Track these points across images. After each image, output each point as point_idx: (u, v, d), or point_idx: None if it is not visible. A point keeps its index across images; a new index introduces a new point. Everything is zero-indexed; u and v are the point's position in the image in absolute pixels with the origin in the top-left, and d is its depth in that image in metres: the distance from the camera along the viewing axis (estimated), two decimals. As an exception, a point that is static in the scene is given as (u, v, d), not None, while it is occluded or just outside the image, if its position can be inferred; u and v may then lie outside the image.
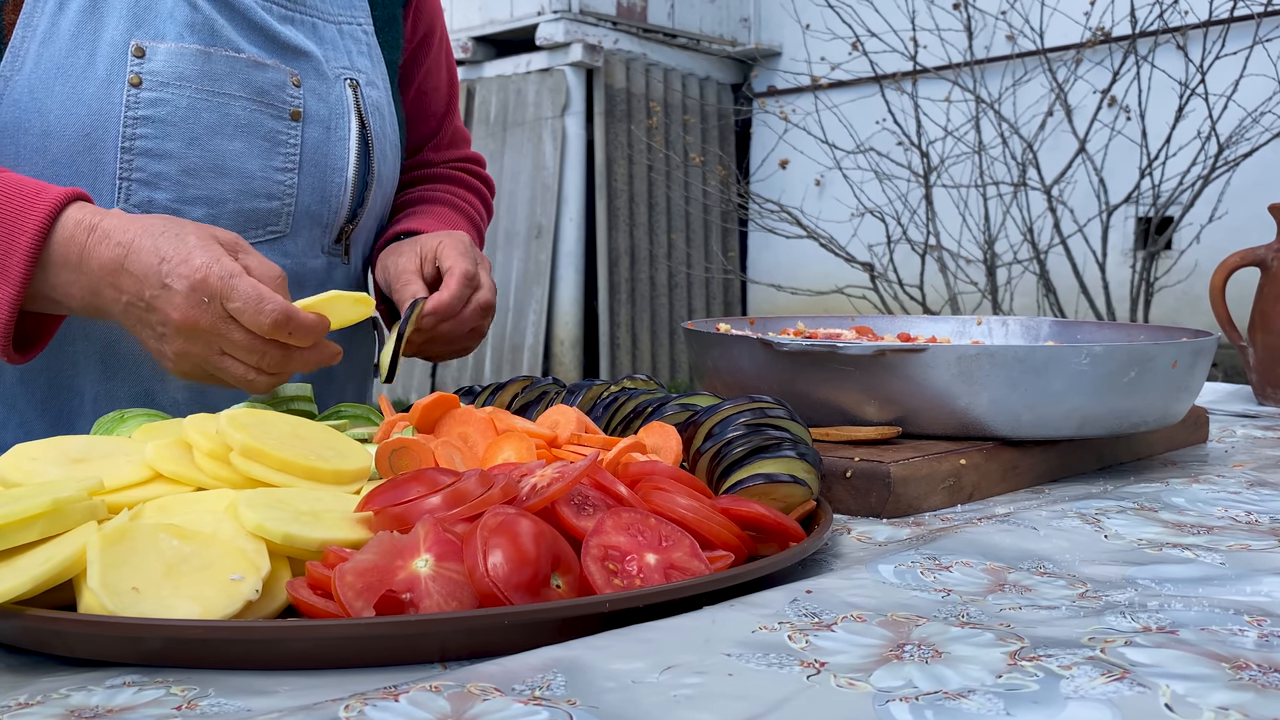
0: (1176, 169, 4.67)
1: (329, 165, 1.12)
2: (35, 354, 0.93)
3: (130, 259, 0.85)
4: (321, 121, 1.11)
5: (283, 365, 0.87)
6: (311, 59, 1.11)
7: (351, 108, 1.13)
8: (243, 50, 1.05)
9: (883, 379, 0.95)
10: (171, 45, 1.02)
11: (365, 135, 1.15)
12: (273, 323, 0.84)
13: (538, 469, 0.70)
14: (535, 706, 0.48)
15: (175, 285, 0.84)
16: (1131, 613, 0.61)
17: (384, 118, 1.18)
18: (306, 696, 0.51)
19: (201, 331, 0.85)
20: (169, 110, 1.02)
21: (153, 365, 1.09)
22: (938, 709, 0.48)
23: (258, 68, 1.06)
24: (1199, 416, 1.22)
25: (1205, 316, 4.92)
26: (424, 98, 1.32)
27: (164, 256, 0.85)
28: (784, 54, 6.75)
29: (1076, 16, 5.00)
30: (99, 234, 0.86)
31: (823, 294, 5.47)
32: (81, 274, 0.87)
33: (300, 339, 0.86)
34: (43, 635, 0.57)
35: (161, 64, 1.01)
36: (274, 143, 1.08)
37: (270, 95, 1.07)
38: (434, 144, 1.36)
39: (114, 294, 0.87)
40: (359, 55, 1.17)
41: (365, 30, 1.19)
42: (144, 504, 0.67)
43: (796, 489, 0.76)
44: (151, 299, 0.85)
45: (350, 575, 0.58)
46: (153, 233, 0.86)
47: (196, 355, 0.87)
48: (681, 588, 0.60)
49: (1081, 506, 0.86)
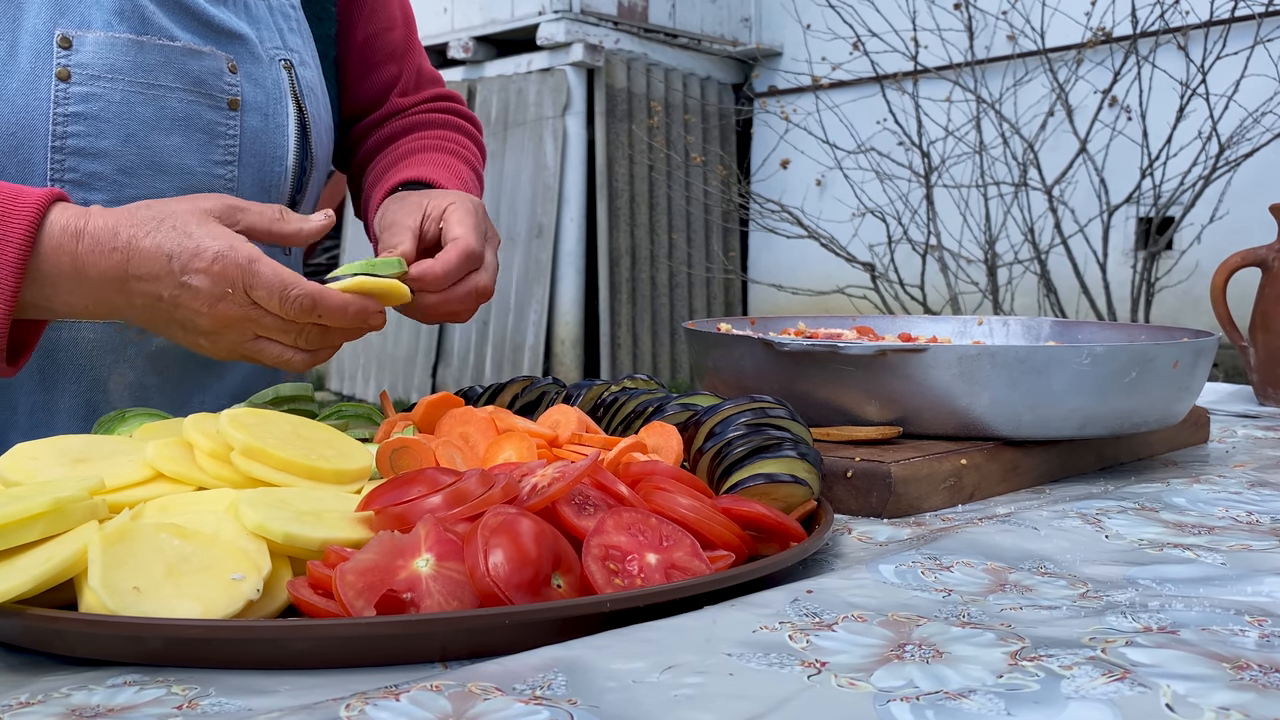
0: (1177, 169, 4.67)
1: (269, 155, 1.07)
2: (24, 362, 0.88)
3: (133, 263, 0.81)
4: (259, 109, 1.06)
5: (322, 341, 0.85)
6: (246, 42, 1.05)
7: (288, 91, 1.08)
8: (176, 38, 0.99)
9: (884, 379, 0.95)
10: (100, 34, 0.95)
11: (303, 119, 1.09)
12: (299, 309, 0.81)
13: (538, 469, 0.70)
14: (536, 706, 0.48)
15: (194, 282, 0.80)
16: (1132, 613, 0.61)
17: (318, 99, 1.13)
18: (307, 696, 0.51)
19: (233, 321, 0.82)
20: (101, 105, 0.95)
21: (93, 375, 1.04)
22: (938, 709, 0.48)
23: (193, 55, 1.00)
24: (1200, 417, 1.22)
25: (1206, 317, 4.92)
26: (376, 40, 1.24)
27: (170, 253, 0.80)
28: (785, 54, 6.75)
29: (1077, 17, 5.00)
30: (88, 240, 0.81)
31: (824, 294, 5.46)
32: (83, 283, 0.82)
33: (332, 319, 0.83)
34: (44, 634, 0.57)
35: (91, 55, 0.95)
36: (213, 135, 1.02)
37: (207, 84, 1.01)
38: (400, 88, 1.27)
39: (125, 300, 0.82)
40: (290, 33, 1.11)
41: (294, 5, 1.13)
42: (145, 503, 0.67)
43: (797, 489, 0.76)
44: (173, 299, 0.81)
45: (351, 575, 0.58)
46: (148, 229, 0.81)
47: (231, 342, 0.84)
48: (682, 587, 0.60)
49: (1082, 506, 0.86)
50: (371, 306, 0.85)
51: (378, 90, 1.26)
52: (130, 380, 1.06)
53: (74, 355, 1.03)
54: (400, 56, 1.27)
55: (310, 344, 0.85)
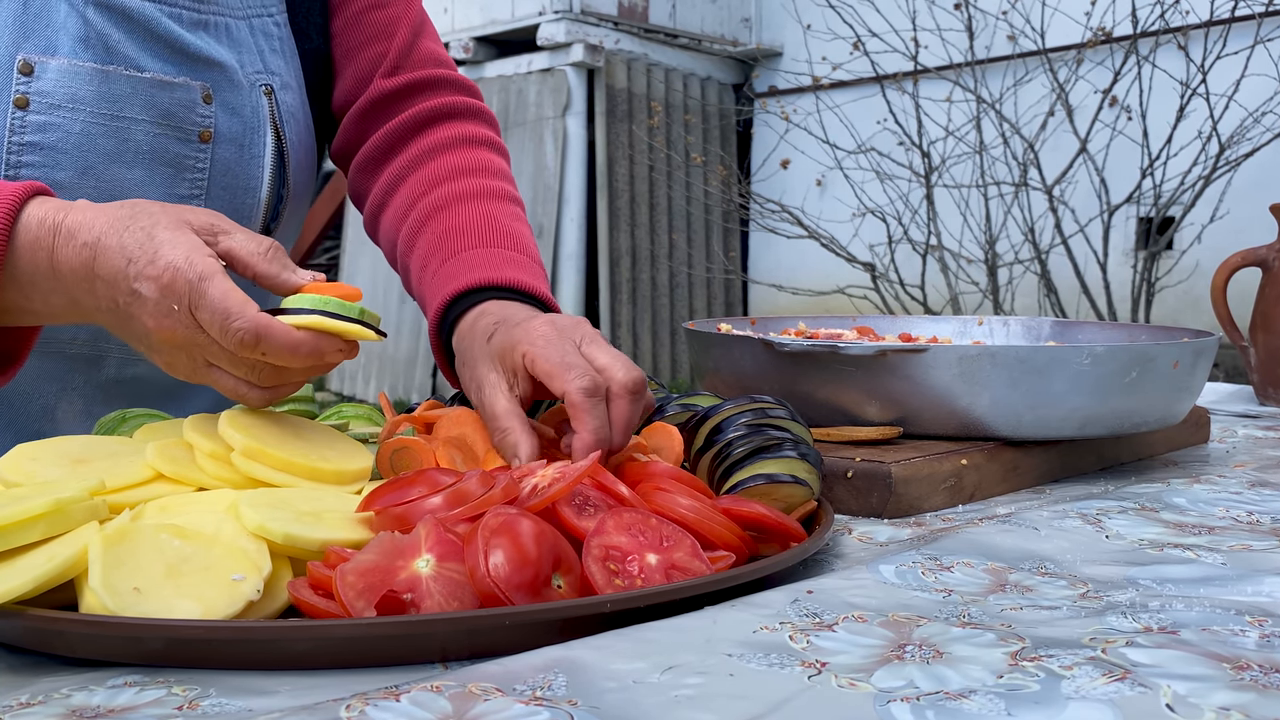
0: (1178, 169, 4.67)
1: (240, 186, 1.01)
2: (15, 371, 0.82)
3: (98, 262, 0.74)
4: (234, 140, 1.00)
5: (277, 379, 0.75)
6: (225, 69, 0.98)
7: (266, 119, 1.02)
8: (144, 68, 0.93)
9: (884, 379, 0.95)
10: (64, 62, 0.90)
11: (281, 149, 1.03)
12: (240, 343, 0.71)
13: (539, 469, 0.70)
14: (536, 707, 0.48)
15: (143, 290, 0.72)
16: (1133, 613, 0.61)
17: (299, 122, 1.06)
18: (308, 696, 0.51)
19: (180, 342, 0.73)
20: (59, 136, 0.90)
21: (40, 405, 0.99)
22: (939, 709, 0.48)
23: (163, 87, 0.94)
24: (1200, 417, 1.22)
25: (1206, 317, 4.91)
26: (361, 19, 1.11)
27: (130, 256, 0.73)
28: (785, 54, 6.75)
29: (1077, 16, 5.00)
30: (64, 234, 0.75)
31: (824, 294, 5.46)
32: (57, 282, 0.76)
33: (279, 358, 0.72)
34: (44, 635, 0.57)
35: (52, 83, 0.90)
36: (179, 169, 0.97)
37: (177, 117, 0.96)
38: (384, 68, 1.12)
39: (92, 300, 0.76)
40: (271, 54, 1.04)
41: (278, 23, 1.05)
42: (145, 504, 0.67)
43: (798, 489, 0.76)
44: (125, 306, 0.74)
45: (351, 575, 0.58)
46: (118, 228, 0.74)
47: (184, 366, 0.76)
48: (683, 588, 0.60)
49: (1083, 507, 0.86)
50: (327, 347, 0.74)
51: (362, 73, 1.13)
52: (79, 409, 1.01)
53: (18, 383, 0.98)
54: (390, 34, 1.13)
55: (264, 381, 0.75)
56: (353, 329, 0.75)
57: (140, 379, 1.05)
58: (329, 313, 0.74)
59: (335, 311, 0.74)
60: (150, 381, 1.05)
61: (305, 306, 0.74)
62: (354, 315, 0.75)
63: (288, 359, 0.73)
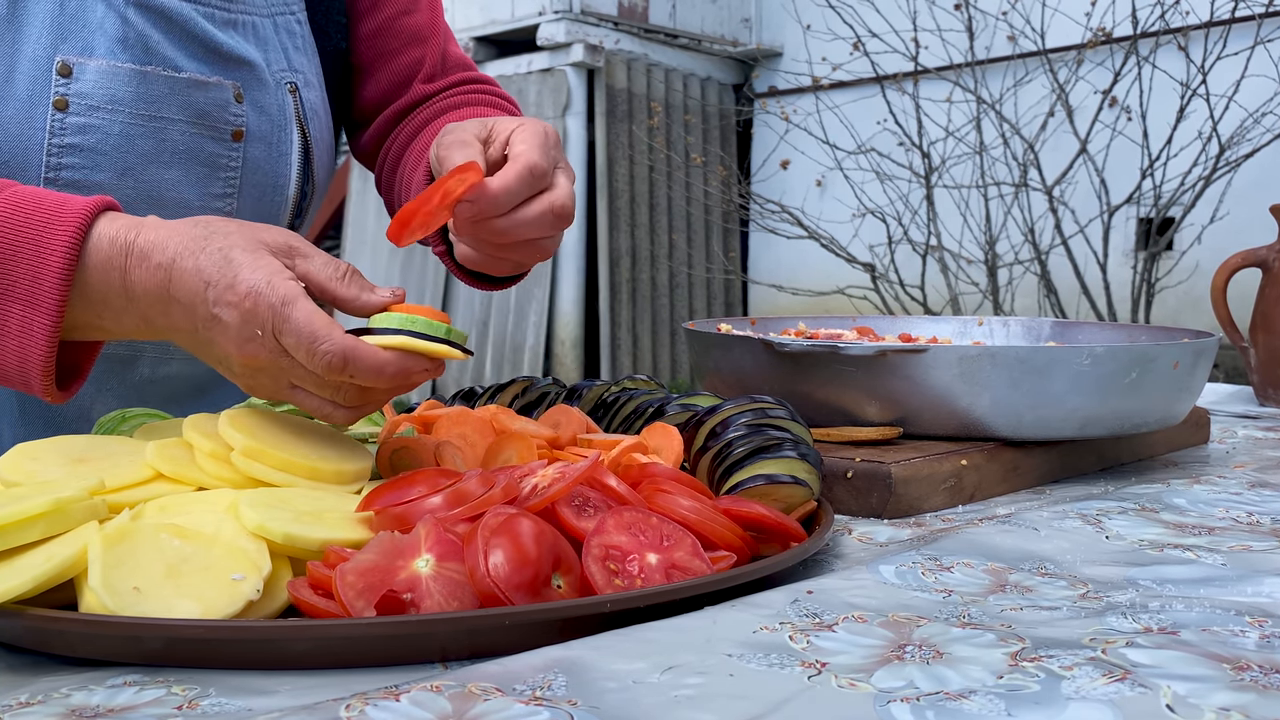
0: (1178, 170, 4.67)
1: (270, 184, 1.03)
2: (79, 386, 0.80)
3: (174, 285, 0.72)
4: (264, 138, 1.01)
5: (361, 399, 0.74)
6: (254, 68, 1.00)
7: (292, 117, 1.03)
8: (182, 68, 0.94)
9: (884, 379, 0.95)
10: (102, 63, 0.90)
11: (306, 146, 1.05)
12: (328, 366, 0.70)
13: (539, 469, 0.70)
14: (536, 706, 0.48)
15: (224, 316, 0.71)
16: (1133, 613, 0.61)
17: (320, 120, 1.08)
18: (307, 696, 0.51)
19: (263, 366, 0.72)
20: (99, 138, 0.91)
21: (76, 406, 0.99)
22: (939, 709, 0.48)
23: (198, 87, 0.95)
24: (1200, 417, 1.22)
25: (1206, 317, 4.92)
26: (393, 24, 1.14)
27: (208, 280, 0.71)
28: (785, 54, 6.75)
29: (1078, 17, 5.00)
30: (137, 254, 0.73)
31: (824, 294, 5.46)
32: (131, 301, 0.74)
33: (366, 380, 0.72)
34: (44, 635, 0.57)
35: (91, 85, 0.90)
36: (213, 168, 0.98)
37: (211, 116, 0.97)
38: (424, 73, 1.15)
39: (167, 321, 0.74)
40: (295, 52, 1.05)
41: (299, 20, 1.07)
42: (145, 504, 0.67)
43: (798, 489, 0.76)
44: (205, 330, 0.72)
45: (351, 575, 0.58)
46: (194, 249, 0.72)
47: (267, 388, 0.75)
48: (683, 588, 0.60)
49: (1083, 507, 0.86)
50: (414, 367, 0.73)
51: (399, 78, 1.15)
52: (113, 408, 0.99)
53: None
54: (424, 40, 1.15)
55: (348, 401, 0.74)
56: (440, 349, 0.73)
57: (173, 377, 1.05)
58: (416, 333, 0.73)
59: (422, 332, 0.73)
60: (183, 379, 1.06)
61: (392, 326, 0.73)
62: (441, 335, 0.74)
63: (374, 380, 0.72)
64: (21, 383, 0.76)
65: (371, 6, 1.13)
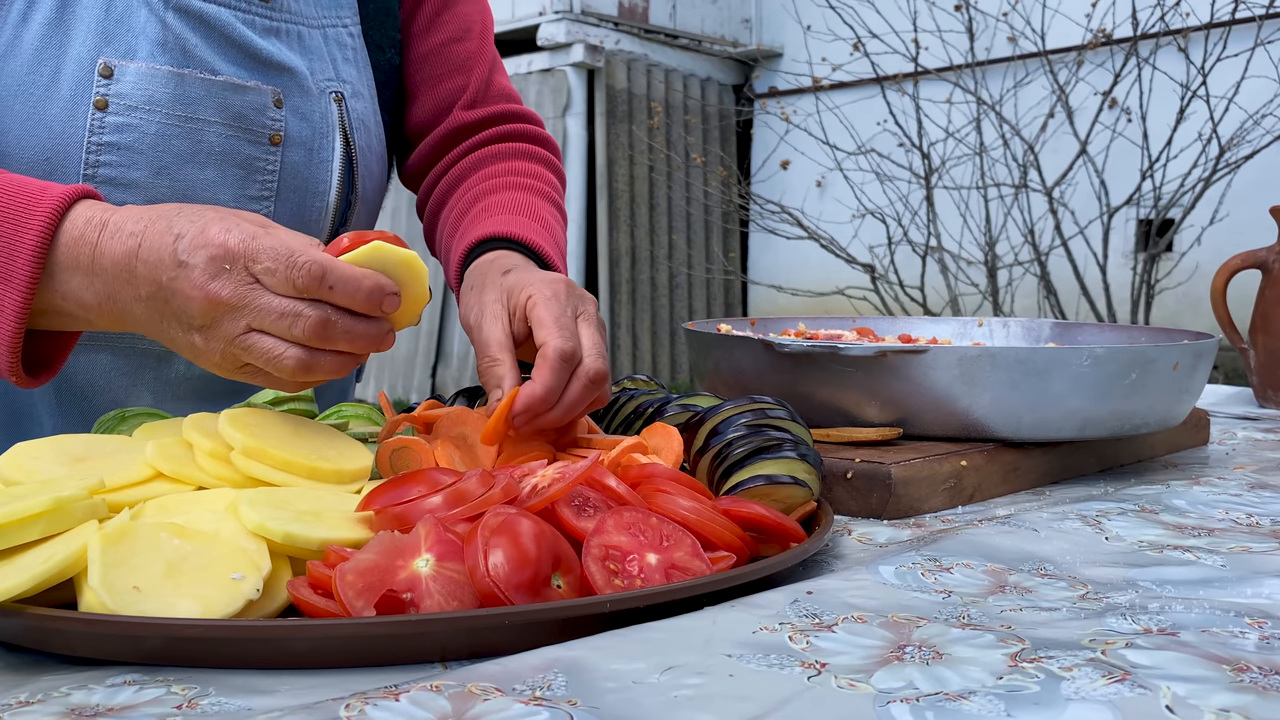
0: (1178, 171, 4.67)
1: (309, 190, 1.04)
2: (48, 377, 0.82)
3: (144, 246, 0.74)
4: (303, 144, 1.03)
5: (321, 334, 0.73)
6: (296, 75, 1.02)
7: (336, 125, 1.05)
8: (219, 72, 0.97)
9: (884, 380, 0.95)
10: (142, 65, 0.93)
11: (349, 154, 1.07)
12: (307, 274, 0.71)
13: (539, 469, 0.70)
14: (536, 707, 0.48)
15: (192, 260, 0.72)
16: (1132, 614, 0.61)
17: (369, 130, 1.10)
18: (307, 696, 0.51)
19: (225, 306, 0.72)
20: (136, 137, 0.94)
21: (110, 399, 1.02)
22: (938, 710, 0.48)
23: (236, 90, 0.98)
24: (1200, 419, 1.22)
25: (1206, 319, 4.92)
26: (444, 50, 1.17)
27: (179, 233, 0.73)
28: (785, 55, 6.75)
29: (1078, 18, 5.00)
30: (110, 229, 0.75)
31: (824, 295, 5.47)
32: (95, 277, 0.76)
33: (344, 290, 0.72)
34: (43, 634, 0.57)
35: (130, 86, 0.93)
36: (250, 170, 1.00)
37: (249, 120, 0.99)
38: (464, 100, 1.18)
39: (131, 291, 0.75)
40: (344, 63, 1.08)
41: (352, 34, 1.10)
42: (145, 503, 0.67)
43: (797, 490, 0.76)
44: (169, 282, 0.73)
45: (351, 575, 0.58)
46: (168, 215, 0.75)
47: (223, 337, 0.74)
48: (682, 588, 0.60)
49: (1082, 508, 0.86)
50: (387, 286, 0.74)
51: (441, 104, 1.19)
52: (148, 404, 1.04)
53: (91, 378, 1.01)
54: (469, 68, 1.19)
55: (307, 335, 0.73)
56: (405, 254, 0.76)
57: (206, 377, 1.07)
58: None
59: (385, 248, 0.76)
60: (219, 380, 1.07)
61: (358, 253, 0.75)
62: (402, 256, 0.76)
63: (352, 291, 0.72)
64: None
65: (425, 30, 1.17)
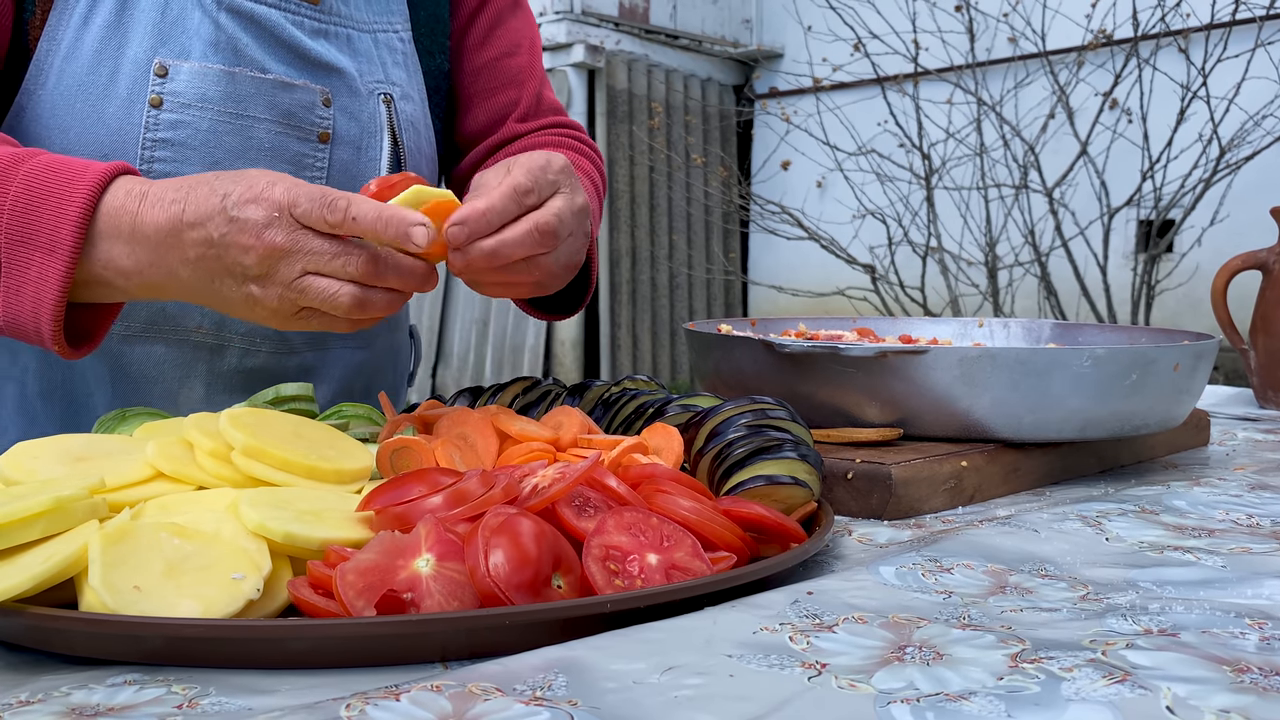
0: (1178, 172, 4.68)
1: (356, 186, 1.07)
2: (89, 349, 0.86)
3: (189, 210, 0.78)
4: (351, 142, 1.07)
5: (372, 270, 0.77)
6: (344, 75, 1.07)
7: (384, 125, 1.09)
8: (269, 70, 1.02)
9: (884, 381, 0.95)
10: (195, 65, 0.98)
11: (398, 153, 1.10)
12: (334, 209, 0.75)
13: (539, 469, 0.70)
14: (536, 707, 0.48)
15: (243, 214, 0.76)
16: (1133, 615, 0.61)
17: (418, 132, 1.14)
18: (308, 695, 0.51)
19: (280, 252, 0.76)
20: (189, 133, 0.99)
21: (163, 388, 1.06)
22: (939, 710, 0.48)
23: (285, 88, 1.02)
24: (1200, 419, 1.22)
25: (1206, 319, 4.92)
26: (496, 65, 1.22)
27: (224, 193, 0.77)
28: (786, 55, 6.75)
29: (1078, 19, 5.00)
30: (150, 199, 0.79)
31: (824, 295, 5.46)
32: (136, 244, 0.79)
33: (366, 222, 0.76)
34: (44, 633, 0.57)
35: (184, 84, 0.98)
36: (299, 166, 1.04)
37: (298, 117, 1.04)
38: (518, 113, 1.23)
39: (178, 254, 0.79)
40: (394, 66, 1.12)
41: (402, 39, 1.14)
42: (145, 503, 0.67)
43: (798, 490, 0.76)
44: (221, 238, 0.77)
45: (351, 575, 0.58)
46: (207, 181, 0.79)
47: (280, 282, 0.77)
48: (683, 588, 0.60)
49: (1083, 509, 0.86)
50: (410, 217, 0.76)
51: (495, 115, 1.23)
52: (200, 395, 1.08)
53: (146, 369, 1.05)
54: (522, 83, 1.24)
55: (360, 272, 0.77)
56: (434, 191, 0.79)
57: (259, 370, 1.10)
58: None
59: None
60: (270, 373, 1.11)
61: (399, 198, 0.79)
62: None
63: (375, 223, 0.76)
64: (35, 332, 0.81)
65: (479, 44, 1.21)
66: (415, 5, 1.16)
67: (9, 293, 0.81)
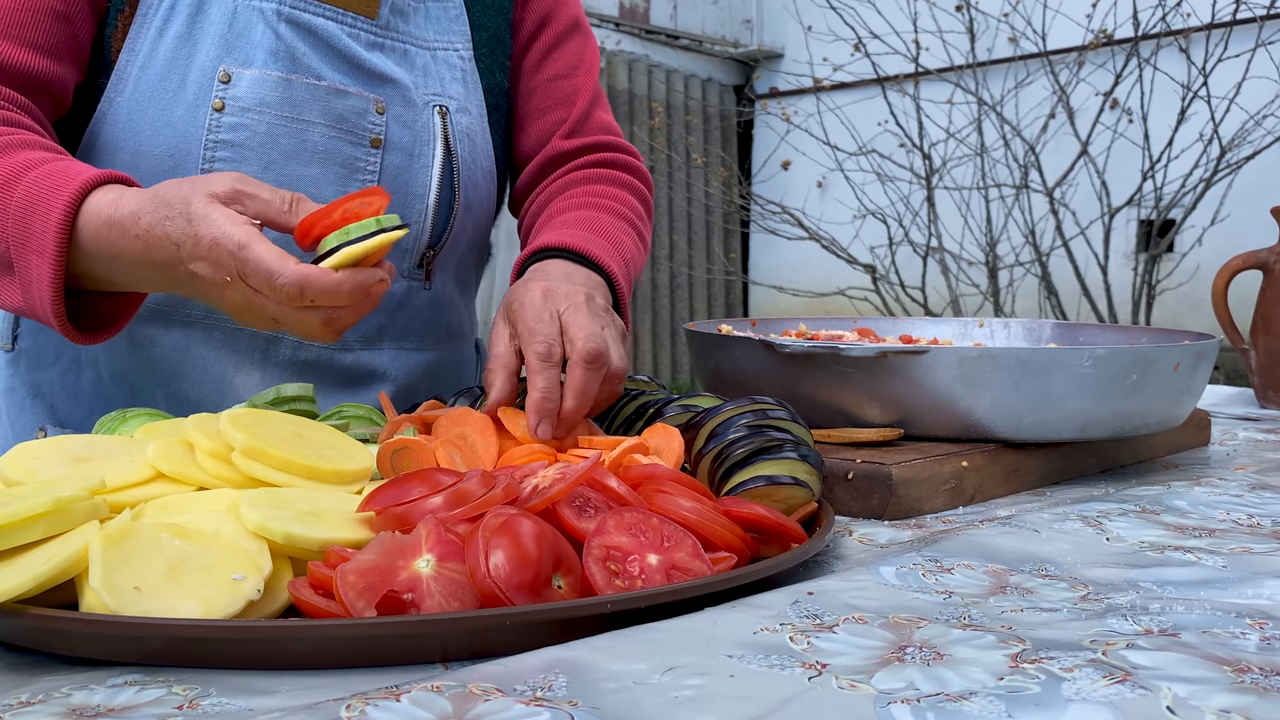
0: (1179, 172, 4.67)
1: (409, 192, 1.11)
2: (110, 334, 0.93)
3: (152, 251, 0.83)
4: (404, 148, 1.11)
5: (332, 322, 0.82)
6: (399, 86, 1.11)
7: (438, 135, 1.13)
8: (324, 77, 1.07)
9: (884, 381, 0.95)
10: (256, 72, 1.04)
11: (451, 162, 1.14)
12: (287, 295, 0.78)
13: (540, 470, 0.70)
14: (537, 707, 0.48)
15: (199, 270, 0.81)
16: (1133, 615, 0.61)
17: (475, 144, 1.17)
18: (308, 696, 0.51)
19: (244, 306, 0.82)
20: (247, 135, 1.04)
21: (217, 373, 1.10)
22: (939, 711, 0.48)
23: (338, 95, 1.07)
24: (1201, 419, 1.22)
25: (1207, 319, 4.92)
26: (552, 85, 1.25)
27: (177, 243, 0.81)
28: (786, 55, 6.75)
29: (1079, 19, 5.00)
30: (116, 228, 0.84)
31: (824, 296, 5.47)
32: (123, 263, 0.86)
33: (327, 301, 0.79)
34: (45, 634, 0.57)
35: (245, 90, 1.04)
36: (351, 169, 1.08)
37: (350, 122, 1.08)
38: (563, 130, 1.26)
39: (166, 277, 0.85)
40: (452, 81, 1.16)
41: (462, 56, 1.18)
42: (146, 503, 0.67)
43: (798, 491, 0.76)
44: (189, 284, 0.83)
45: (352, 575, 0.58)
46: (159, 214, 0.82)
47: (255, 322, 0.84)
48: (683, 589, 0.60)
49: (1083, 509, 0.86)
50: (366, 279, 0.80)
51: (544, 133, 1.26)
52: (256, 381, 1.11)
53: (202, 357, 1.10)
54: (572, 101, 1.26)
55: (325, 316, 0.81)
56: (376, 242, 0.79)
57: (313, 364, 1.14)
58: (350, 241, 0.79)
59: (355, 236, 0.79)
60: (325, 368, 1.14)
61: (333, 245, 0.80)
62: (372, 230, 0.80)
63: (334, 299, 0.79)
64: (47, 323, 0.88)
65: (536, 65, 1.25)
66: (477, 26, 1.20)
67: (25, 290, 0.89)
